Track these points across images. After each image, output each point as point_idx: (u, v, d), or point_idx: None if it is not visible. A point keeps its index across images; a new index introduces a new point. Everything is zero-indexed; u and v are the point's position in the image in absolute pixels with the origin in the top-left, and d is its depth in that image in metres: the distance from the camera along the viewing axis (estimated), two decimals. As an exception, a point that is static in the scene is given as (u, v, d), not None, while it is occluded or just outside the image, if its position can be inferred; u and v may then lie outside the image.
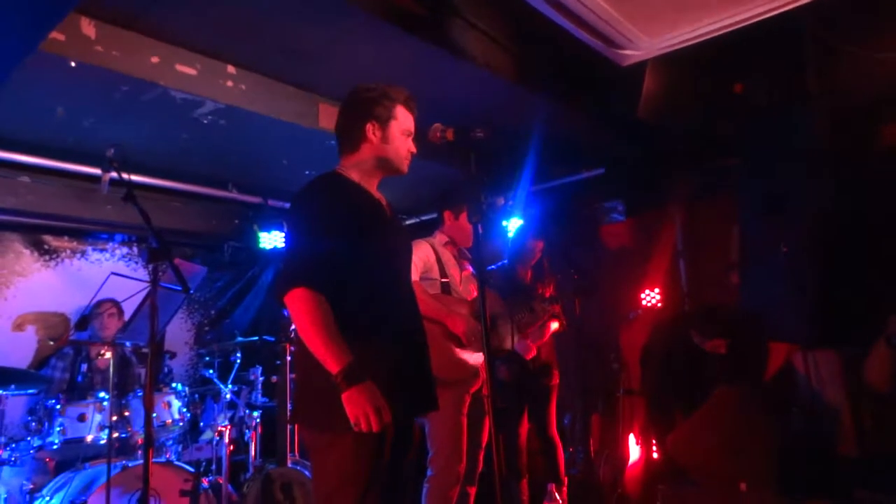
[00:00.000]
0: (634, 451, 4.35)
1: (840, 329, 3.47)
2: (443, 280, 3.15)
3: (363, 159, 2.11)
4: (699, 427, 3.34)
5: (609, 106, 4.14)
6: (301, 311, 1.81)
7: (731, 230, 4.21)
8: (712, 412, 3.38)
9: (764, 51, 3.66)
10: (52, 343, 4.12)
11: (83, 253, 4.79)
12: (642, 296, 4.71)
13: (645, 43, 3.36)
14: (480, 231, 2.12)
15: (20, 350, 4.37)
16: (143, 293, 2.84)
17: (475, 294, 3.23)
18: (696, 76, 3.78)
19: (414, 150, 2.17)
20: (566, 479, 3.89)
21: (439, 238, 3.28)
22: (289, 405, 3.72)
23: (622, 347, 4.73)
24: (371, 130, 2.08)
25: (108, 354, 3.16)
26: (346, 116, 2.14)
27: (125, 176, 2.53)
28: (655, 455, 4.21)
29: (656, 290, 4.68)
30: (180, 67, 3.40)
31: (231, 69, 3.60)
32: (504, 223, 4.66)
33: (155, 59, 3.30)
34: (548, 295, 3.72)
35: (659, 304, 4.68)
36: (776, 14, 3.06)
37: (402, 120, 2.13)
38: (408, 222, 5.97)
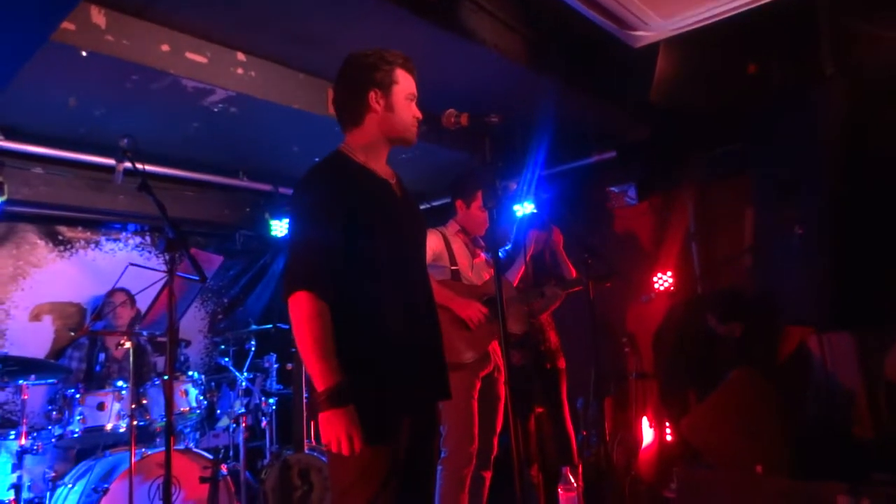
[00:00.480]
0: (648, 435, 4.36)
1: (855, 311, 3.44)
2: (452, 268, 3.15)
3: (369, 132, 1.97)
4: (714, 410, 3.34)
5: (621, 88, 4.10)
6: (300, 319, 1.75)
7: (744, 212, 4.18)
8: (727, 395, 3.38)
9: (778, 31, 3.61)
10: (72, 334, 4.15)
11: (97, 243, 4.83)
12: (655, 279, 4.69)
13: (657, 24, 3.32)
14: (495, 216, 2.11)
15: (38, 340, 4.43)
16: (160, 283, 2.86)
17: (487, 280, 3.24)
18: (709, 57, 3.74)
19: (420, 115, 2.03)
20: (580, 463, 3.90)
21: (451, 227, 3.28)
22: (304, 394, 3.74)
23: (635, 331, 4.72)
24: (374, 99, 1.94)
25: (128, 344, 3.18)
26: (345, 88, 1.99)
27: (139, 166, 2.53)
28: (669, 438, 4.22)
29: (669, 274, 4.65)
30: (190, 55, 3.40)
31: (241, 56, 3.60)
32: (515, 208, 4.65)
33: (165, 48, 3.30)
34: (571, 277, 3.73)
35: (671, 288, 4.66)
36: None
37: (404, 83, 1.99)
38: (420, 208, 5.96)
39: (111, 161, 4.07)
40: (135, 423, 3.35)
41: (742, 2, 3.12)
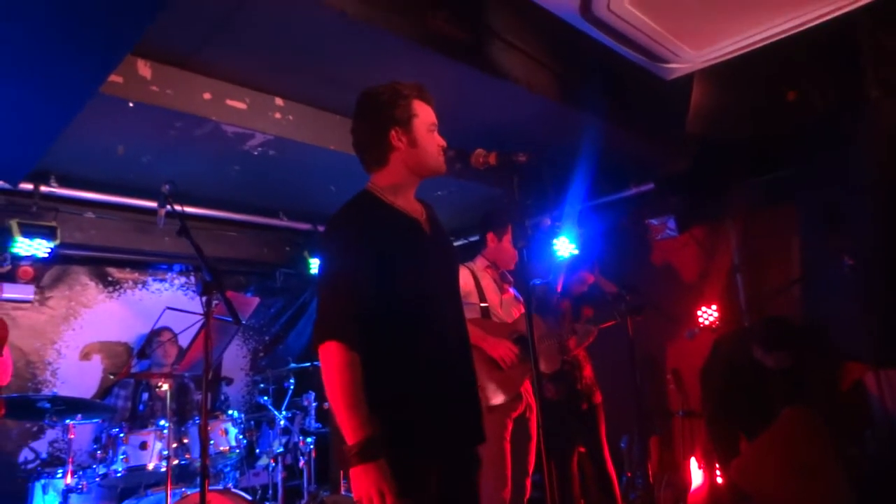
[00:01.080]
0: (697, 476, 4.18)
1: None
2: (482, 304, 3.11)
3: (395, 171, 1.94)
4: (766, 451, 3.18)
5: (656, 120, 4.06)
6: (330, 370, 1.72)
7: (791, 243, 4.04)
8: (779, 435, 3.22)
9: (817, 55, 3.53)
10: (112, 377, 4.26)
11: (144, 283, 4.98)
12: (699, 313, 4.56)
13: (690, 55, 3.29)
14: (525, 256, 2.08)
15: (87, 379, 4.55)
16: (195, 324, 2.92)
17: (516, 317, 3.19)
18: (745, 86, 3.68)
19: (443, 143, 1.99)
20: None
21: (480, 263, 3.25)
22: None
23: (680, 367, 4.57)
24: (396, 137, 1.90)
25: (165, 386, 3.24)
26: (364, 129, 1.96)
27: (178, 209, 2.61)
28: (719, 480, 4.04)
29: (713, 307, 4.52)
30: (231, 102, 3.53)
31: (279, 101, 3.71)
32: (552, 243, 4.62)
33: (207, 96, 3.43)
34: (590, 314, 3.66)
35: (716, 322, 4.52)
36: (826, 20, 2.95)
37: (423, 115, 1.95)
38: (452, 242, 5.98)
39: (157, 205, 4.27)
40: (175, 462, 3.39)
41: (776, 30, 3.07)
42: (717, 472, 4.08)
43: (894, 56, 3.36)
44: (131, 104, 3.22)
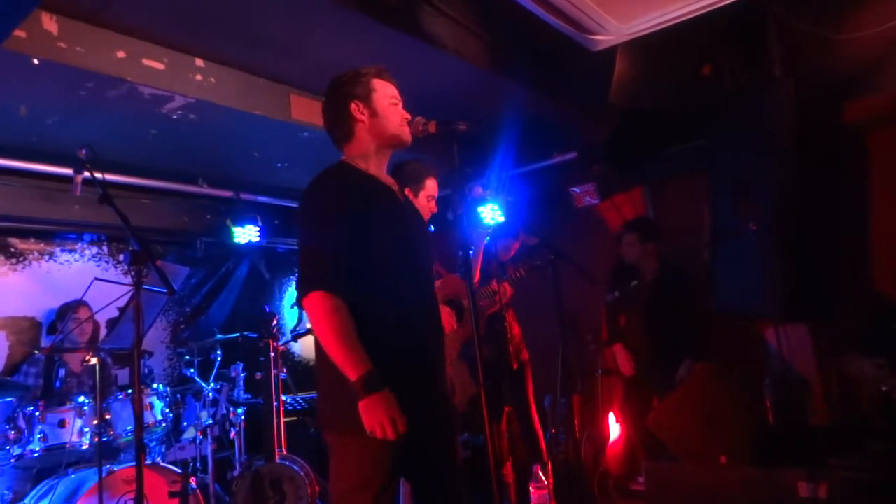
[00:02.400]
0: (614, 430, 4.46)
1: (808, 304, 3.58)
2: None
3: (362, 141, 2.06)
4: (679, 403, 3.43)
5: (581, 90, 4.17)
6: (319, 317, 1.80)
7: (702, 209, 4.30)
8: (691, 388, 3.48)
9: (730, 34, 3.73)
10: (36, 352, 4.00)
11: (51, 255, 4.68)
12: (617, 276, 4.78)
13: (616, 28, 3.39)
14: (463, 223, 2.13)
15: (-9, 357, 4.27)
16: (123, 296, 2.79)
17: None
18: (665, 59, 3.84)
19: (408, 115, 2.11)
20: (550, 461, 3.96)
21: None
22: (275, 402, 3.70)
23: (600, 328, 4.81)
24: (357, 110, 2.04)
25: (94, 360, 3.10)
26: (329, 108, 2.10)
27: (99, 176, 2.47)
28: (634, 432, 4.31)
29: (631, 271, 4.75)
30: (147, 62, 3.33)
31: (200, 62, 3.54)
32: (479, 210, 4.69)
33: (121, 55, 3.22)
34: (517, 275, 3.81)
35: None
36: (741, -2, 3.12)
37: (383, 90, 2.08)
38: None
39: (65, 170, 4.00)
40: (97, 439, 3.27)
41: (696, 6, 3.21)
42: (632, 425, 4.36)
43: (797, 36, 3.60)
44: (36, 61, 2.98)
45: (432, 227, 3.68)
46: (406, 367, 1.89)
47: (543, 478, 3.71)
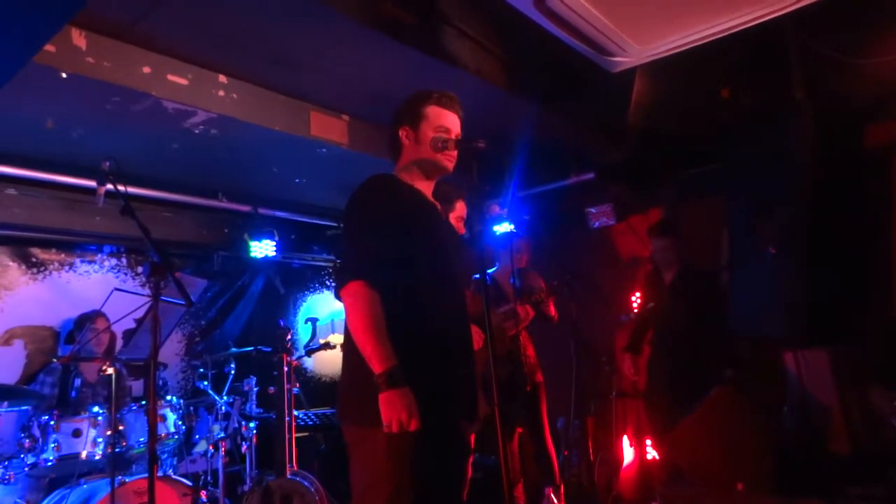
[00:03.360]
0: (628, 454, 4.39)
1: (828, 329, 3.53)
2: None
3: (406, 165, 2.16)
4: (696, 428, 3.38)
5: (599, 111, 4.18)
6: (355, 307, 1.87)
7: (719, 233, 4.27)
8: (709, 412, 3.43)
9: (750, 57, 3.73)
10: (54, 360, 4.03)
11: (71, 265, 4.73)
12: (633, 298, 4.76)
13: (635, 50, 3.40)
14: (482, 240, 2.14)
15: (9, 365, 4.30)
16: (140, 308, 2.82)
17: None
18: (684, 82, 3.84)
19: (453, 153, 2.16)
20: (562, 483, 3.91)
21: None
22: (287, 417, 3.69)
23: (615, 350, 4.76)
24: (404, 135, 2.14)
25: (110, 370, 3.12)
26: (388, 128, 2.20)
27: (122, 189, 2.50)
28: (650, 457, 4.25)
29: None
30: (172, 77, 3.39)
31: (222, 79, 3.60)
32: (496, 229, 4.70)
33: (146, 70, 3.29)
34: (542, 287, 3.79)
35: (649, 306, 4.72)
36: (762, 21, 3.12)
37: (434, 117, 2.13)
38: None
39: (88, 182, 4.07)
40: (110, 450, 3.28)
41: (716, 29, 3.22)
42: (648, 449, 4.30)
43: (818, 59, 3.59)
44: (64, 75, 3.05)
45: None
46: (430, 371, 1.92)
47: (555, 500, 3.66)
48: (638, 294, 4.42)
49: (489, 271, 4.09)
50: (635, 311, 4.29)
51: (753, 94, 3.89)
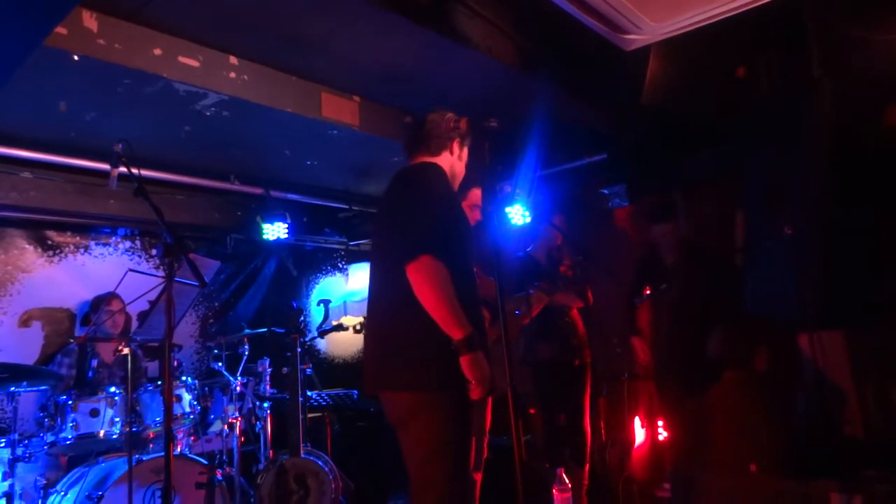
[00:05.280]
0: (640, 434, 4.40)
1: (844, 311, 3.49)
2: None
3: (440, 164, 2.37)
4: (708, 410, 3.37)
5: (612, 91, 4.13)
6: (429, 278, 1.97)
7: (735, 214, 4.22)
8: (721, 395, 3.42)
9: (768, 34, 3.65)
10: (71, 341, 4.10)
11: (86, 248, 4.78)
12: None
13: (650, 27, 3.35)
14: (494, 220, 2.14)
15: (27, 346, 4.36)
16: (155, 289, 2.84)
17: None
18: (700, 60, 3.78)
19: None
20: (589, 463, 3.94)
21: None
22: (300, 398, 3.72)
23: (626, 332, 4.74)
24: (458, 144, 2.41)
25: (126, 350, 3.16)
26: (436, 126, 2.40)
27: (134, 171, 2.51)
28: (662, 438, 4.25)
29: (659, 275, 4.68)
30: (183, 59, 3.38)
31: (233, 60, 3.58)
32: (507, 210, 4.67)
33: (157, 52, 3.28)
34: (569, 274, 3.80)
35: (661, 287, 4.69)
36: (780, -2, 3.06)
37: (466, 151, 2.49)
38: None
39: (102, 165, 4.08)
40: (127, 429, 3.33)
41: (732, 5, 3.15)
42: (659, 430, 4.30)
43: (838, 37, 3.51)
44: (76, 58, 3.05)
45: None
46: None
47: (568, 481, 3.67)
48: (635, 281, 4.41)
49: (528, 249, 4.20)
50: (647, 293, 4.26)
51: (770, 72, 3.81)
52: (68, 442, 3.29)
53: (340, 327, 4.69)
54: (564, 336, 3.88)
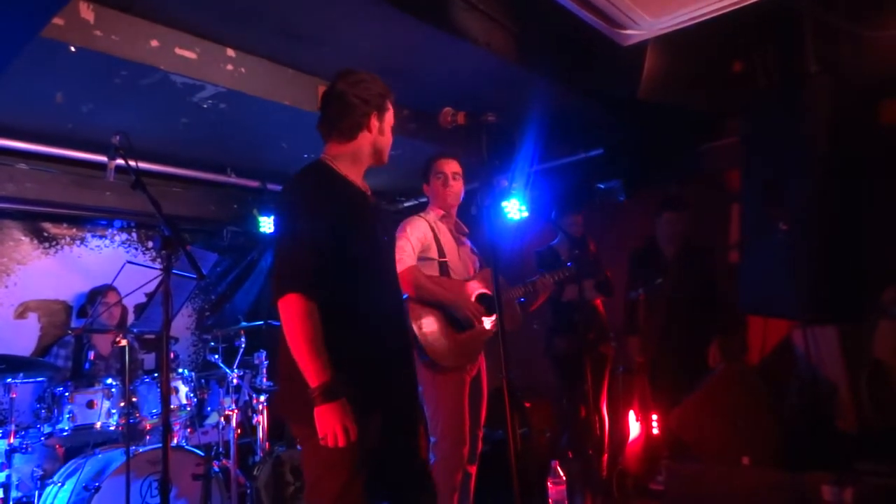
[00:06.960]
0: (634, 428, 4.42)
1: (838, 305, 3.51)
2: (441, 260, 3.11)
3: (358, 148, 2.13)
4: (702, 403, 3.40)
5: (609, 85, 4.13)
6: (291, 320, 1.84)
7: (731, 209, 4.24)
8: (715, 388, 3.44)
9: (764, 30, 3.66)
10: (69, 332, 4.10)
11: (82, 240, 4.77)
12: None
13: (647, 22, 3.35)
14: (491, 215, 2.13)
15: (23, 338, 4.37)
16: (151, 281, 2.84)
17: (471, 271, 3.24)
18: (696, 56, 3.78)
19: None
20: (606, 454, 4.02)
21: (434, 213, 3.20)
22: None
23: (621, 326, 4.77)
24: (374, 119, 2.13)
25: (124, 342, 3.17)
26: (346, 103, 2.11)
27: (132, 163, 2.51)
28: (655, 431, 4.28)
29: (655, 269, 4.69)
30: (180, 51, 3.38)
31: (231, 52, 3.58)
32: (503, 204, 4.69)
33: (154, 43, 3.27)
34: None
35: (657, 282, 4.70)
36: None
37: (389, 115, 2.21)
38: (405, 205, 6.00)
39: (98, 157, 4.09)
40: (124, 421, 3.34)
41: (729, 1, 3.16)
42: (654, 424, 4.32)
43: (834, 33, 3.52)
44: (73, 49, 3.04)
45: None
46: (371, 370, 1.96)
47: (562, 473, 3.69)
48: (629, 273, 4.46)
49: (552, 243, 4.33)
50: (643, 288, 4.29)
51: (767, 68, 3.82)
52: (65, 433, 3.31)
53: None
54: (585, 328, 3.94)
